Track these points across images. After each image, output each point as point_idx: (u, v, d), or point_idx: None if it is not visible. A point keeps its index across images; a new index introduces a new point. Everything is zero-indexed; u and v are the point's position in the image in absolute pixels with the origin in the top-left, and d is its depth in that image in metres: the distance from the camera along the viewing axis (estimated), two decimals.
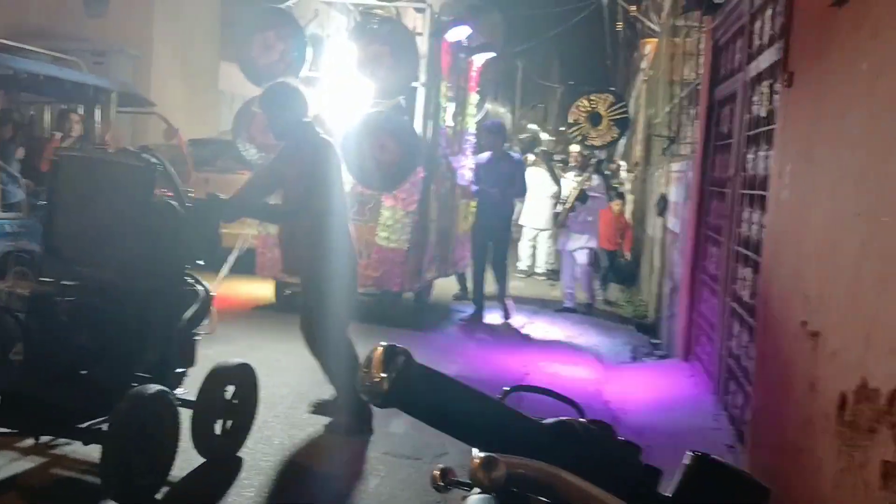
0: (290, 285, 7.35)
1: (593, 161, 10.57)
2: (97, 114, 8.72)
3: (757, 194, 4.45)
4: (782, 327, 3.42)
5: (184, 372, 4.01)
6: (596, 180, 9.95)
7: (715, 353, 5.49)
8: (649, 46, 18.54)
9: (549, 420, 1.00)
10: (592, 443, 0.98)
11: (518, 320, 8.84)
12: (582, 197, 9.69)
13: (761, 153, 4.42)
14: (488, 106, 11.37)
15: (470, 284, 9.28)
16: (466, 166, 8.87)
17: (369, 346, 1.24)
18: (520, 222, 11.71)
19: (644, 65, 19.20)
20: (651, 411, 5.70)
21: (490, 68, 9.88)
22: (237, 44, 7.74)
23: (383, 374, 0.91)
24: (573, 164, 10.47)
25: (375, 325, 7.23)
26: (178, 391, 3.91)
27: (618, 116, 10.85)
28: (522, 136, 23.87)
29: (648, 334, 8.62)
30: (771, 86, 4.27)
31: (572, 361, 7.20)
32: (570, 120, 10.97)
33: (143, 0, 13.46)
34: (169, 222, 3.76)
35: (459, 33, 7.82)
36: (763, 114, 4.46)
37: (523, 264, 12.74)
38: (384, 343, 0.93)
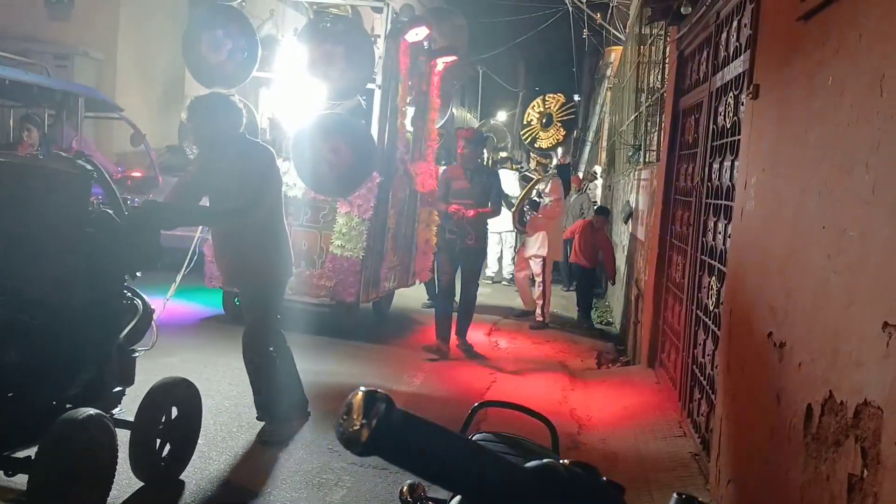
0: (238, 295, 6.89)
1: (552, 169, 10.34)
2: (63, 118, 8.56)
3: (722, 204, 4.48)
4: (748, 337, 3.44)
5: (122, 391, 3.83)
6: (548, 185, 9.64)
7: (680, 361, 5.53)
8: (614, 54, 18.73)
9: (533, 463, 0.98)
10: (576, 486, 0.96)
11: (482, 330, 8.64)
12: (532, 202, 9.51)
13: (726, 163, 4.46)
14: (454, 111, 11.34)
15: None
16: (428, 173, 8.55)
17: (321, 360, 1.20)
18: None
19: (609, 72, 19.38)
20: (616, 419, 5.73)
21: (455, 73, 9.57)
22: (184, 43, 7.40)
23: (363, 422, 0.88)
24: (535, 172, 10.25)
25: (328, 338, 7.17)
26: (116, 411, 3.74)
27: (566, 117, 10.89)
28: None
29: (614, 341, 8.67)
30: (736, 97, 4.31)
31: (537, 370, 7.20)
32: (525, 122, 11.02)
33: (107, 2, 13.21)
34: (105, 232, 3.57)
35: (419, 34, 7.53)
36: (728, 124, 4.50)
37: (490, 270, 12.61)
38: (363, 388, 0.90)
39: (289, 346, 4.97)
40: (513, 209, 9.53)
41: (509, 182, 11.42)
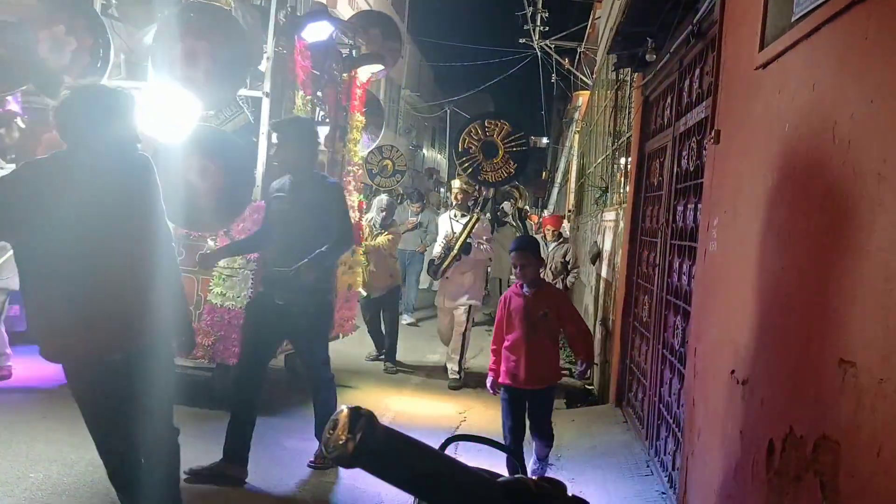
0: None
1: (479, 199, 9.19)
2: None
3: (686, 245, 4.59)
4: (712, 375, 3.51)
5: None
6: (483, 224, 8.40)
7: (647, 400, 5.59)
8: (582, 98, 19.11)
9: (504, 478, 1.04)
10: (545, 500, 1.02)
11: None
12: (465, 247, 8.11)
13: (690, 205, 4.58)
14: (425, 152, 10.95)
15: (389, 339, 8.66)
16: (351, 204, 7.07)
17: (198, 441, 1.14)
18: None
19: (577, 116, 19.74)
20: (583, 457, 5.76)
21: (426, 115, 9.38)
22: (13, 41, 6.11)
23: (348, 436, 0.94)
24: (454, 203, 8.67)
25: (208, 410, 5.60)
26: None
27: (515, 149, 9.14)
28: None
29: (582, 380, 8.71)
30: (699, 141, 4.44)
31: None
32: (460, 149, 9.25)
33: None
34: None
35: (319, 32, 6.26)
36: (691, 168, 4.63)
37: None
38: (348, 406, 0.96)
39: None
40: (442, 259, 8.26)
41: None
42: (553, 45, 21.46)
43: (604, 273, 8.26)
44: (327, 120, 7.07)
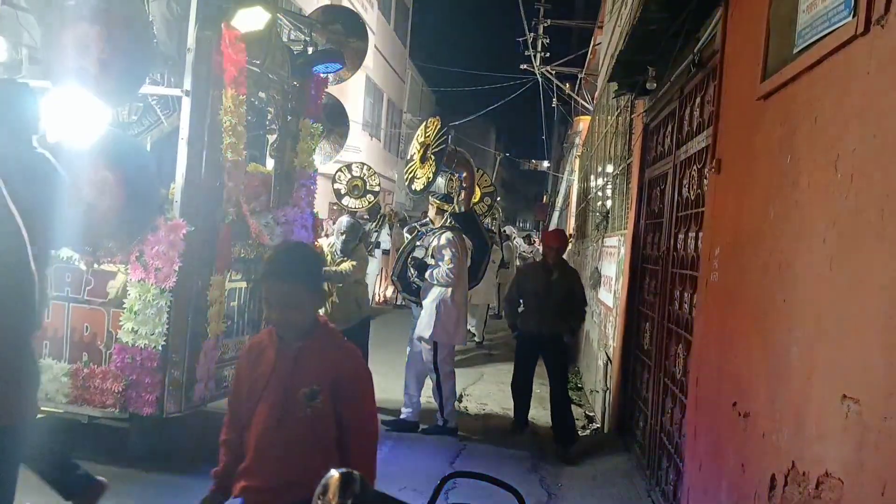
0: None
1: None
2: None
3: (688, 274, 4.57)
4: (714, 406, 3.48)
5: None
6: (440, 240, 7.12)
7: (648, 429, 5.55)
8: (583, 123, 19.18)
9: None
10: None
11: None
12: (420, 265, 7.15)
13: (691, 234, 4.57)
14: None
15: None
16: (299, 224, 6.24)
17: None
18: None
19: (578, 141, 19.80)
20: (585, 486, 5.71)
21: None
22: None
23: (339, 501, 0.91)
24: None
25: (121, 468, 4.73)
26: None
27: (438, 147, 7.71)
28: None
29: (584, 408, 8.67)
30: (700, 170, 4.44)
31: (506, 438, 7.15)
32: (408, 156, 8.18)
33: None
34: None
35: (254, 20, 5.29)
36: (692, 196, 4.62)
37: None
38: (339, 469, 0.93)
39: None
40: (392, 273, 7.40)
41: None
42: (554, 71, 21.59)
43: (605, 299, 8.24)
44: (273, 127, 6.32)
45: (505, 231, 12.97)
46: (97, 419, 4.92)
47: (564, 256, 8.14)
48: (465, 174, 8.11)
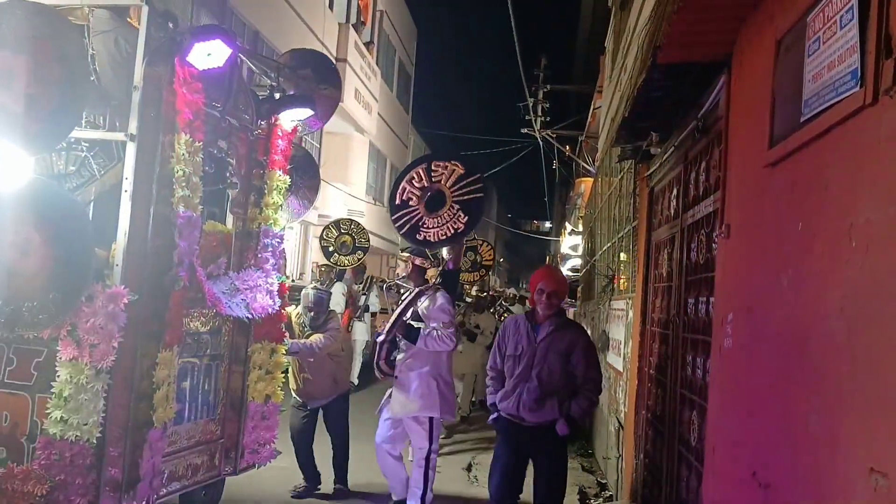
0: None
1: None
2: None
3: (700, 339, 4.53)
4: (732, 476, 3.41)
5: None
6: (433, 301, 6.31)
7: (663, 498, 5.43)
8: (584, 185, 19.31)
9: None
10: None
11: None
12: (408, 331, 6.23)
13: (702, 298, 4.54)
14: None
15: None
16: (262, 289, 5.49)
17: None
18: None
19: (580, 202, 19.91)
20: None
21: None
22: None
23: None
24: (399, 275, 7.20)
25: None
26: None
27: (467, 197, 6.57)
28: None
29: (596, 475, 8.51)
30: (708, 234, 4.43)
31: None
32: (397, 201, 6.84)
33: None
34: None
35: (213, 56, 4.52)
36: (701, 261, 4.61)
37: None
38: None
39: None
40: (379, 339, 6.46)
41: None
42: (555, 135, 21.86)
43: (614, 363, 8.17)
44: (234, 180, 5.56)
45: (502, 301, 12.52)
46: None
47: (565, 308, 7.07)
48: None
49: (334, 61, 20.27)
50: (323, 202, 19.65)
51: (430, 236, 6.60)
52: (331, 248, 12.47)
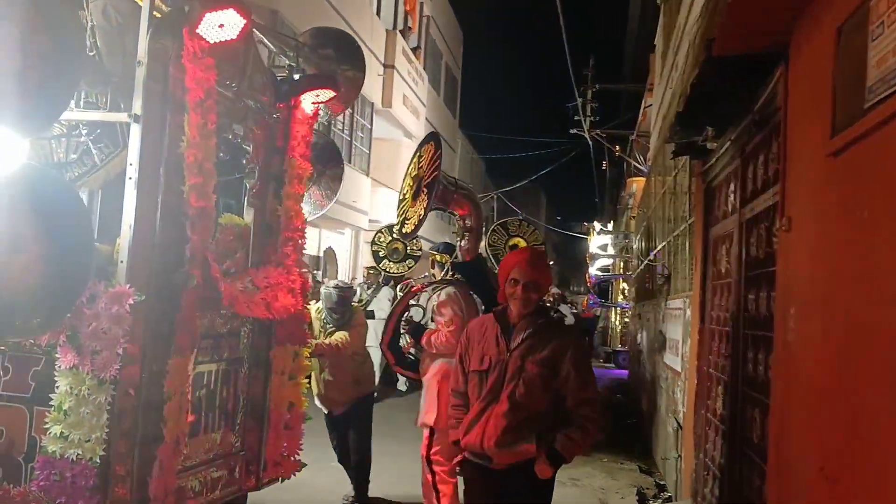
0: None
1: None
2: None
3: (761, 335, 4.46)
4: (797, 472, 3.35)
5: None
6: (441, 297, 5.73)
7: (724, 498, 5.35)
8: (636, 185, 19.14)
9: None
10: None
11: None
12: (415, 329, 5.73)
13: (762, 294, 4.47)
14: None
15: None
16: (284, 286, 4.90)
17: None
18: None
19: (632, 202, 19.72)
20: None
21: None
22: None
23: None
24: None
25: None
26: None
27: (430, 179, 5.95)
28: None
29: (654, 476, 8.43)
30: (768, 228, 4.36)
31: None
32: (400, 196, 6.54)
33: None
34: None
35: (225, 28, 3.95)
36: (761, 255, 4.54)
37: None
38: None
39: None
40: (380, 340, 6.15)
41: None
42: (604, 135, 21.72)
43: (672, 363, 8.07)
44: (253, 167, 5.05)
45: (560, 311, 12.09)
46: None
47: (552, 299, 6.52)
48: (467, 213, 6.20)
49: (382, 68, 20.41)
50: (373, 207, 19.82)
51: (407, 227, 6.14)
52: (381, 253, 12.10)
